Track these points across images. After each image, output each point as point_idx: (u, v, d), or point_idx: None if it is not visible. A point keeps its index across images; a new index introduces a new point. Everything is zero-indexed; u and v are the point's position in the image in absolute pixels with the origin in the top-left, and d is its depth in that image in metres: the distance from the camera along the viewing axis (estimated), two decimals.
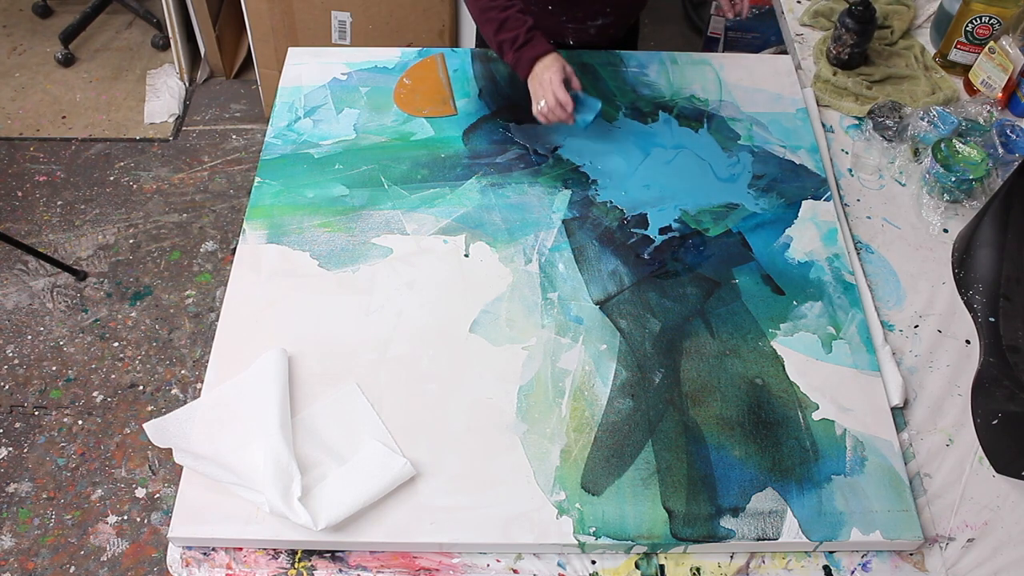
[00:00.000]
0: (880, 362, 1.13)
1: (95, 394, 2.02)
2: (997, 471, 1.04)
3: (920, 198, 1.34)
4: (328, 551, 0.98)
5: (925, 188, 1.35)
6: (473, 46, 1.70)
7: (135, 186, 2.49)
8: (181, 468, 1.01)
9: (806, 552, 0.99)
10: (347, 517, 0.95)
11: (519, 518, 0.97)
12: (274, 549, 0.98)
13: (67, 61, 2.83)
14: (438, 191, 1.31)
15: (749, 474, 1.01)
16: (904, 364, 1.15)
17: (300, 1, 2.33)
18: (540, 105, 1.27)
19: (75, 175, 2.51)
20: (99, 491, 1.86)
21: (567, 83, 1.27)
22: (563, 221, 1.27)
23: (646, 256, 1.24)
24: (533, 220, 1.28)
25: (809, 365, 1.12)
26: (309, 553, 0.98)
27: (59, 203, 2.43)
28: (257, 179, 1.32)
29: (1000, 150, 1.36)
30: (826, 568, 0.98)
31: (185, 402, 1.68)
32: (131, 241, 2.34)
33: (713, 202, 1.31)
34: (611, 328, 1.15)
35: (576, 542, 0.96)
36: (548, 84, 1.25)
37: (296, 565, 0.97)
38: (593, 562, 0.98)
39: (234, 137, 2.65)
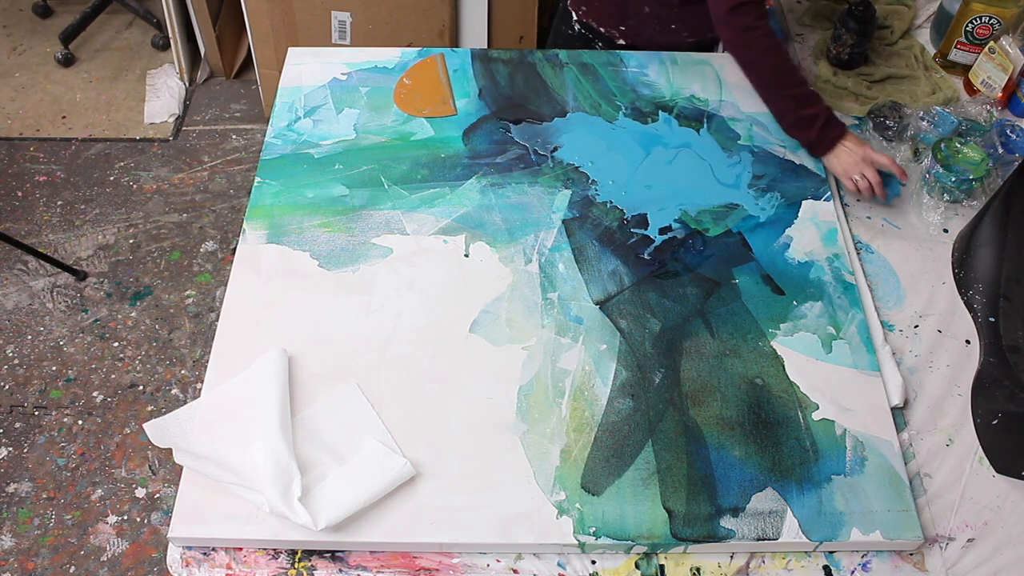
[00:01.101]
0: (880, 362, 1.13)
1: (95, 394, 2.02)
2: (997, 471, 1.04)
3: (920, 198, 1.34)
4: (328, 551, 0.98)
5: (925, 188, 1.35)
6: (473, 46, 1.71)
7: (135, 186, 2.49)
8: (181, 468, 1.01)
9: (806, 552, 0.99)
10: (347, 517, 0.95)
11: (519, 518, 0.97)
12: (274, 549, 0.98)
13: (67, 61, 2.83)
14: (438, 191, 1.31)
15: (749, 474, 1.01)
16: (904, 364, 1.15)
17: (300, 1, 2.33)
18: (857, 179, 1.31)
19: (75, 175, 2.51)
20: (99, 491, 1.86)
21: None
22: (563, 221, 1.27)
23: (646, 256, 1.24)
24: (533, 220, 1.28)
25: (809, 365, 1.12)
26: (309, 553, 0.98)
27: (59, 203, 2.43)
28: (257, 179, 1.32)
29: (1000, 150, 1.36)
30: (826, 568, 0.98)
31: (185, 402, 1.68)
32: (131, 241, 2.34)
33: (713, 202, 1.31)
34: (611, 328, 1.15)
35: (576, 542, 0.96)
36: (867, 163, 1.31)
37: (296, 565, 0.97)
38: (593, 562, 0.98)
39: (234, 137, 2.65)
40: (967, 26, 1.51)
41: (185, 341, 2.13)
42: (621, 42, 1.59)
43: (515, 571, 0.97)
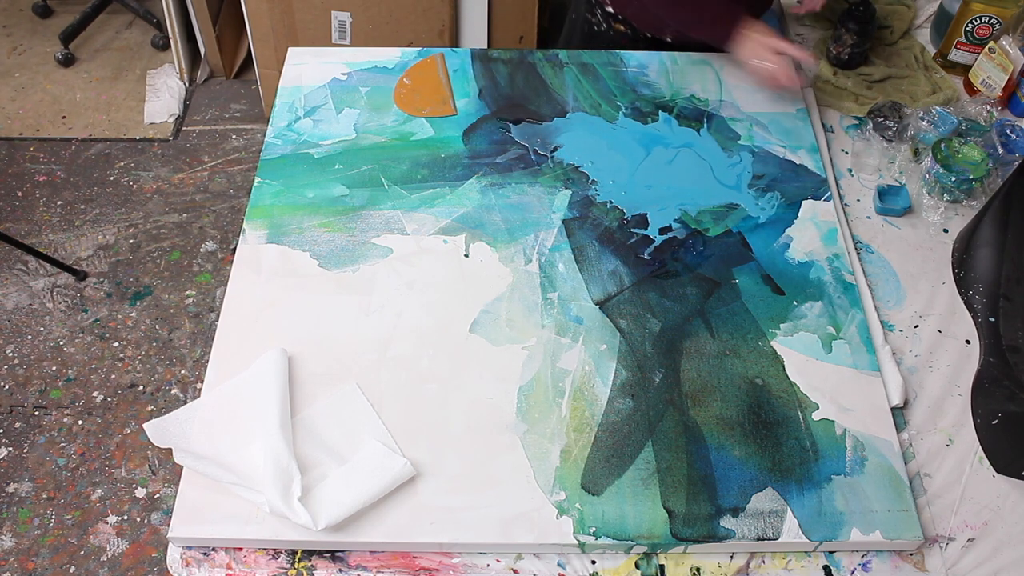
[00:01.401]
0: (880, 362, 1.13)
1: (95, 394, 2.02)
2: (997, 471, 1.04)
3: (920, 198, 1.34)
4: (328, 551, 0.98)
5: (925, 188, 1.35)
6: (473, 46, 1.71)
7: (135, 186, 2.49)
8: (181, 468, 1.01)
9: (806, 552, 0.99)
10: (347, 517, 0.95)
11: (519, 518, 0.97)
12: (274, 549, 0.98)
13: (67, 61, 2.83)
14: (438, 191, 1.31)
15: (749, 474, 1.01)
16: (904, 364, 1.15)
17: (300, 1, 2.33)
18: (758, 63, 1.34)
19: (75, 175, 2.51)
20: (99, 491, 1.86)
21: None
22: (563, 221, 1.27)
23: (646, 256, 1.24)
24: (533, 220, 1.28)
25: (809, 365, 1.12)
26: (309, 553, 0.98)
27: (59, 203, 2.43)
28: (257, 179, 1.32)
29: (1000, 150, 1.36)
30: (826, 568, 0.98)
31: (185, 402, 1.68)
32: (131, 241, 2.34)
33: (713, 202, 1.31)
34: (611, 328, 1.15)
35: (576, 542, 0.96)
36: (770, 49, 1.33)
37: (296, 565, 0.97)
38: (593, 562, 0.98)
39: (234, 137, 2.65)
40: (967, 26, 1.51)
41: (185, 341, 2.13)
42: (609, 9, 1.58)
43: (515, 571, 0.97)
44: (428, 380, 1.09)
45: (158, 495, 1.86)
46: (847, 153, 1.42)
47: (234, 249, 1.76)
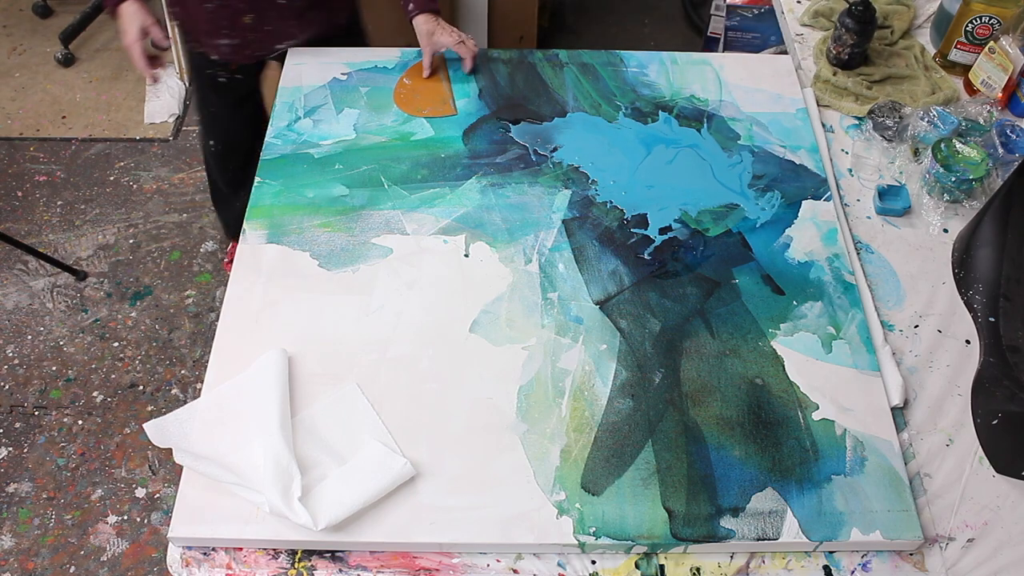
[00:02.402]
0: (880, 362, 1.13)
1: (95, 394, 2.02)
2: (997, 471, 1.04)
3: (920, 198, 1.34)
4: (328, 551, 0.98)
5: (925, 188, 1.35)
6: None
7: (135, 186, 2.49)
8: (181, 468, 1.01)
9: (806, 552, 0.99)
10: (347, 517, 0.95)
11: (519, 518, 0.97)
12: (274, 549, 0.98)
13: (67, 61, 2.83)
14: (438, 191, 1.31)
15: (749, 474, 1.01)
16: (904, 364, 1.15)
17: None
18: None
19: (75, 175, 2.51)
20: (99, 491, 1.86)
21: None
22: (563, 221, 1.27)
23: (646, 256, 1.24)
24: (533, 220, 1.28)
25: (809, 365, 1.12)
26: (309, 553, 0.98)
27: (59, 203, 2.43)
28: (257, 179, 1.32)
29: (1000, 150, 1.36)
30: (826, 568, 0.98)
31: (185, 402, 1.68)
32: (131, 241, 2.34)
33: (713, 202, 1.31)
34: (611, 328, 1.15)
35: (576, 542, 0.96)
36: (124, 36, 1.37)
37: (296, 565, 0.97)
38: (593, 562, 0.98)
39: None
40: (967, 26, 1.51)
41: (185, 341, 2.12)
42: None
43: (515, 571, 0.97)
44: (428, 380, 1.09)
45: (158, 495, 1.86)
46: (847, 153, 1.42)
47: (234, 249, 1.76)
